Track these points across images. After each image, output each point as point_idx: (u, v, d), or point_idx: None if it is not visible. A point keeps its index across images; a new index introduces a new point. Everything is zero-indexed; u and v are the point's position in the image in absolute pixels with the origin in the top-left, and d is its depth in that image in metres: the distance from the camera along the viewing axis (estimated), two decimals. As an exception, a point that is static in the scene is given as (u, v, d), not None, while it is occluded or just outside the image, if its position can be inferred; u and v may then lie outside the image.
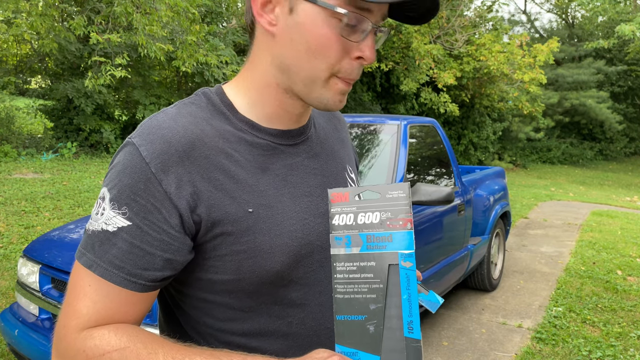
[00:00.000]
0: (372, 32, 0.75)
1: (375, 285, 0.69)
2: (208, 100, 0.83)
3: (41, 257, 2.53)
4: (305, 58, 0.76)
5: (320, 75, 0.76)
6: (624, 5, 18.24)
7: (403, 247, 0.69)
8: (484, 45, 12.47)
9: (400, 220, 0.69)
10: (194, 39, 7.98)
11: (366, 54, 0.75)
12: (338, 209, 0.72)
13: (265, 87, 0.82)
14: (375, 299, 0.69)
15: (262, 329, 0.82)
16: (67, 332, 0.73)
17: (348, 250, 0.70)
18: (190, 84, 11.96)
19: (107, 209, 0.73)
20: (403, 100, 14.05)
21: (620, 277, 5.07)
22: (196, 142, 0.75)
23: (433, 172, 3.82)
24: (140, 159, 0.72)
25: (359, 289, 0.69)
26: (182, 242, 0.74)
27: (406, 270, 0.68)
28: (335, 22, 0.73)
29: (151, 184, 0.72)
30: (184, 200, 0.73)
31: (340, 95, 0.79)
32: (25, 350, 2.36)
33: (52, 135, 10.27)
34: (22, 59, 11.07)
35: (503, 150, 17.84)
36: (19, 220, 5.51)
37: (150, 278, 0.73)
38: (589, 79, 19.66)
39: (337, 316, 0.70)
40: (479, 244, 4.19)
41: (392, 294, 0.68)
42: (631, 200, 11.38)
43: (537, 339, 3.61)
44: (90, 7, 8.95)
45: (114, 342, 0.70)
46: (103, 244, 0.72)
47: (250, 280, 0.78)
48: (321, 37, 0.74)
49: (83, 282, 0.73)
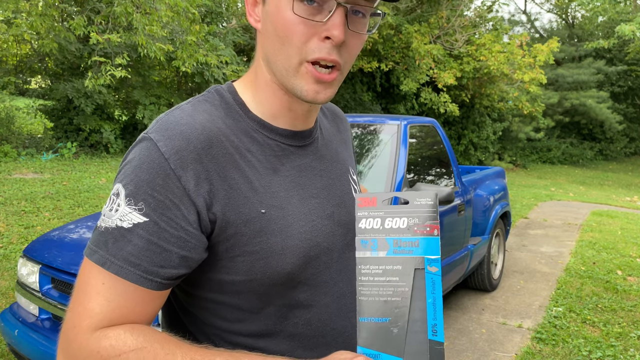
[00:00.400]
0: (339, 11, 0.72)
1: (401, 288, 0.70)
2: (221, 99, 0.83)
3: (41, 257, 2.52)
4: (278, 46, 0.75)
5: (292, 62, 0.75)
6: (624, 5, 18.24)
7: (429, 253, 0.71)
8: (484, 45, 12.47)
9: (427, 226, 0.71)
10: (194, 39, 7.98)
11: (333, 32, 0.72)
12: (365, 212, 0.73)
13: (264, 85, 0.83)
14: (400, 302, 0.70)
15: (268, 329, 0.82)
16: (78, 332, 0.69)
17: (374, 254, 0.72)
18: (190, 84, 11.96)
19: (123, 205, 0.71)
20: (403, 100, 14.05)
21: (620, 277, 5.07)
22: (213, 140, 0.75)
23: (433, 172, 3.82)
24: (159, 154, 0.71)
25: (383, 291, 0.71)
26: (198, 240, 0.73)
27: (432, 275, 0.70)
28: (297, 4, 0.72)
29: (170, 180, 0.70)
30: (201, 198, 0.72)
31: (315, 84, 0.76)
32: (25, 350, 2.35)
33: (52, 135, 10.27)
34: (22, 59, 11.07)
35: (503, 150, 17.84)
36: (19, 220, 5.51)
37: (167, 276, 0.72)
38: (589, 79, 19.65)
39: (361, 318, 0.71)
40: (479, 244, 4.19)
41: (417, 298, 0.70)
42: (631, 200, 11.38)
43: (537, 339, 3.61)
44: (90, 7, 8.95)
45: (131, 342, 0.68)
46: (117, 241, 0.70)
47: (261, 281, 0.78)
48: (284, 20, 0.73)
49: (96, 280, 0.70)
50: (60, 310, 2.31)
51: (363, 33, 0.77)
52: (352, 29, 0.75)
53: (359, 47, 0.79)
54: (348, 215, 0.90)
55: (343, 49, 0.75)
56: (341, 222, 0.89)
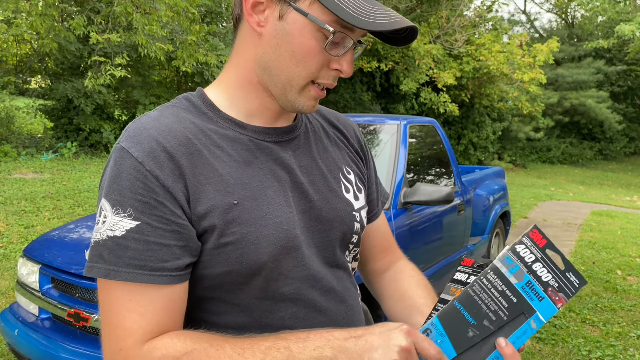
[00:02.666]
0: (352, 48, 0.81)
1: (502, 313, 0.73)
2: (190, 103, 0.86)
3: (41, 257, 2.53)
4: (288, 64, 0.80)
5: (299, 82, 0.81)
6: (624, 5, 18.25)
7: (543, 313, 0.74)
8: (484, 45, 12.48)
9: (559, 296, 0.74)
10: (194, 39, 7.98)
11: (344, 67, 0.81)
12: (529, 243, 0.76)
13: (248, 84, 0.86)
14: (493, 320, 0.73)
15: (255, 323, 0.83)
16: (127, 353, 0.71)
17: (508, 274, 0.74)
18: (190, 84, 11.96)
19: (110, 216, 0.73)
20: (403, 100, 14.06)
21: (620, 277, 5.07)
22: (181, 139, 0.78)
23: (433, 172, 3.82)
24: (133, 160, 0.74)
25: (489, 302, 0.73)
26: (190, 230, 0.76)
27: (528, 327, 0.73)
28: (322, 37, 0.78)
29: (149, 182, 0.74)
30: (180, 193, 0.75)
31: (313, 100, 0.84)
32: (25, 350, 2.36)
33: (52, 135, 10.27)
34: (22, 59, 11.08)
35: (503, 150, 17.85)
36: (19, 220, 5.51)
37: (174, 268, 0.74)
38: (589, 79, 19.66)
39: (456, 303, 0.73)
40: (479, 244, 4.19)
41: (505, 332, 0.73)
42: (631, 200, 11.38)
43: (537, 339, 3.61)
44: (90, 7, 8.95)
45: (181, 347, 0.71)
46: (113, 251, 0.72)
47: (240, 272, 0.79)
48: (307, 48, 0.78)
49: (122, 299, 0.73)
50: (60, 310, 2.31)
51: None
52: None
53: None
54: (332, 212, 0.90)
55: None
56: (322, 218, 0.89)
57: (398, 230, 2.88)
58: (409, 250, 2.99)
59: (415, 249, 3.09)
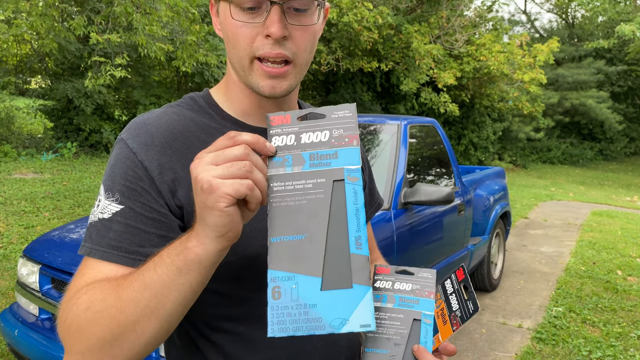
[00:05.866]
0: (274, 9, 0.78)
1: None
2: (194, 102, 0.92)
3: (41, 257, 2.52)
4: (231, 49, 0.84)
5: (244, 62, 0.83)
6: (624, 5, 18.23)
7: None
8: (484, 45, 12.47)
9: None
10: (194, 39, 7.97)
11: (271, 30, 0.79)
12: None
13: (234, 86, 0.90)
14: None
15: (249, 314, 0.86)
16: (64, 297, 0.75)
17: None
18: (190, 84, 11.96)
19: (102, 200, 0.79)
20: (403, 100, 14.05)
21: (620, 277, 5.07)
22: (177, 136, 0.83)
23: (433, 172, 3.82)
24: (128, 150, 0.80)
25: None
26: (172, 220, 0.80)
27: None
28: (237, 10, 0.80)
29: (139, 170, 0.79)
30: (165, 185, 0.79)
31: (269, 79, 0.82)
32: (25, 350, 2.36)
33: (52, 135, 10.27)
34: (22, 59, 11.08)
35: (503, 150, 17.84)
36: (19, 220, 5.51)
37: (148, 253, 0.75)
38: (589, 79, 19.66)
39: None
40: (479, 244, 4.19)
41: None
42: (631, 200, 11.38)
43: (537, 339, 3.61)
44: (90, 7, 8.94)
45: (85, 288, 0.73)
46: (100, 232, 0.77)
47: (234, 264, 0.81)
48: (231, 26, 0.82)
49: (85, 269, 0.77)
50: (60, 310, 2.31)
51: (308, 24, 0.82)
52: (292, 23, 0.80)
53: (309, 38, 0.83)
54: None
55: (288, 43, 0.81)
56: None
57: (398, 230, 2.87)
58: (408, 250, 2.99)
59: (415, 249, 3.09)
